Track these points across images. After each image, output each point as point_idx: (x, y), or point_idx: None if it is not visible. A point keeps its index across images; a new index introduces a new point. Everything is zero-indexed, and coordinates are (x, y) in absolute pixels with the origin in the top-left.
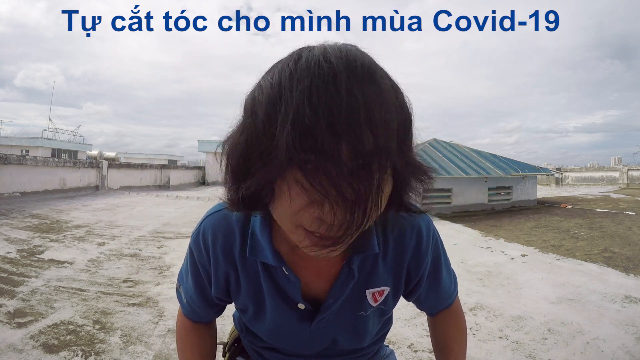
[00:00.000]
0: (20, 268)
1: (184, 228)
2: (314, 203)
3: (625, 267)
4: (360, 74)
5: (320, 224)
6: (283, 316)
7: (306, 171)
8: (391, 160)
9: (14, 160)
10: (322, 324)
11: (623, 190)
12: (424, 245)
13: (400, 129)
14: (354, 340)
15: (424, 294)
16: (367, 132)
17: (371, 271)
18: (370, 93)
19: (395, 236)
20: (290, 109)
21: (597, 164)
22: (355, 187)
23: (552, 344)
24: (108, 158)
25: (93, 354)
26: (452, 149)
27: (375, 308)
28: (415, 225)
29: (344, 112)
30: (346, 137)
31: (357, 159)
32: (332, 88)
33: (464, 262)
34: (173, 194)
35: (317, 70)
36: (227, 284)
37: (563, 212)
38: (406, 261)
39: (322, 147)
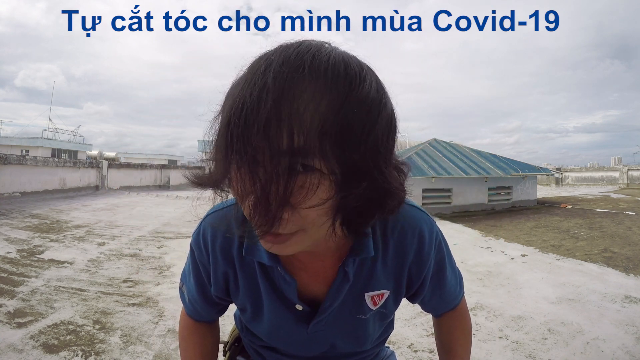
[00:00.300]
0: (20, 268)
1: (184, 228)
2: (238, 197)
3: (625, 267)
4: (295, 74)
5: (250, 218)
6: (280, 317)
7: (236, 168)
8: (317, 161)
9: (14, 160)
10: (320, 326)
11: (623, 190)
12: (427, 247)
13: (343, 131)
14: (353, 344)
15: (428, 296)
16: (281, 131)
17: (369, 275)
18: (295, 93)
19: (396, 239)
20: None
21: (597, 164)
22: (264, 185)
23: (552, 344)
24: (108, 158)
25: (93, 354)
26: (452, 149)
27: (375, 312)
28: (416, 227)
29: (260, 113)
30: (260, 137)
31: (272, 157)
32: (257, 92)
33: (464, 262)
34: (173, 194)
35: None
36: (227, 283)
37: (563, 212)
38: (407, 264)
39: (239, 147)
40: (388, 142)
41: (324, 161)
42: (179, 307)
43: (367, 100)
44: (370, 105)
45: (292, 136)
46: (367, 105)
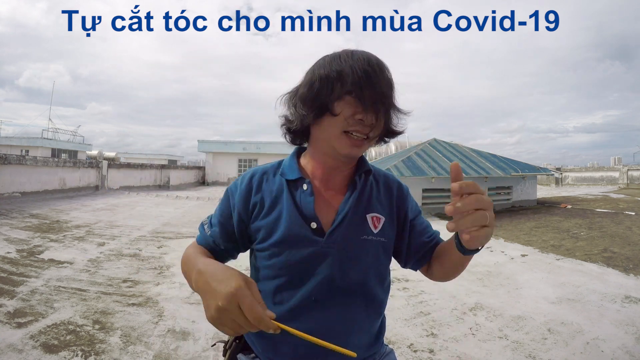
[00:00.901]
0: (20, 268)
1: (184, 228)
2: (358, 111)
3: (625, 267)
4: (380, 60)
5: (359, 124)
6: (297, 230)
7: (358, 96)
8: (391, 102)
9: (13, 160)
10: (332, 239)
11: (623, 190)
12: (404, 189)
13: (394, 90)
14: (357, 270)
15: (418, 237)
16: (385, 85)
17: (369, 197)
18: (385, 70)
19: (383, 180)
20: (354, 69)
21: (597, 164)
22: (379, 106)
23: (552, 344)
24: (108, 158)
25: (93, 354)
26: (452, 149)
27: (376, 239)
28: (397, 179)
29: (377, 74)
30: (377, 84)
31: (381, 95)
32: (368, 63)
33: None
34: (173, 194)
35: (362, 56)
36: (253, 209)
37: (563, 212)
38: (394, 197)
39: (366, 85)
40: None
41: (389, 101)
42: (179, 307)
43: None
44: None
45: (388, 88)
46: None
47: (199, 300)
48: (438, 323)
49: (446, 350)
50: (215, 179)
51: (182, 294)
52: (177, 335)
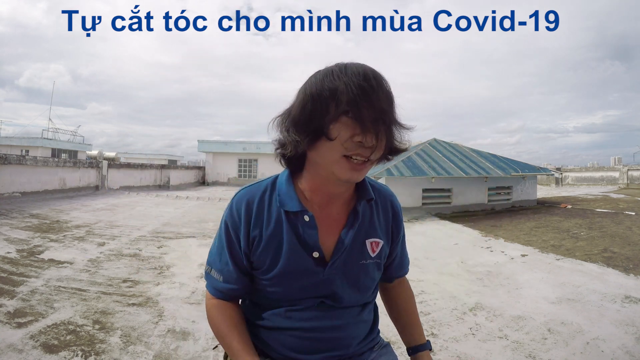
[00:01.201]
0: (20, 268)
1: (184, 228)
2: (357, 133)
3: (625, 267)
4: (377, 73)
5: (359, 148)
6: (298, 262)
7: (354, 116)
8: (393, 118)
9: (13, 160)
10: (333, 269)
11: (623, 190)
12: (399, 208)
13: (394, 105)
14: (354, 292)
15: (400, 254)
16: (384, 100)
17: (370, 223)
18: (384, 83)
19: (382, 201)
20: (349, 86)
21: (597, 164)
22: (379, 125)
23: (552, 344)
24: (108, 158)
25: (93, 354)
26: (452, 149)
27: (373, 261)
28: (392, 196)
29: (374, 89)
30: (375, 100)
31: (380, 112)
32: (364, 77)
33: (464, 262)
34: (173, 194)
35: (356, 70)
36: (253, 243)
37: (563, 212)
38: (390, 220)
39: (363, 103)
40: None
41: (391, 118)
42: (179, 307)
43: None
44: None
45: (393, 108)
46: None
47: (199, 301)
48: (438, 323)
49: (446, 350)
50: (215, 179)
51: (182, 294)
52: (177, 335)
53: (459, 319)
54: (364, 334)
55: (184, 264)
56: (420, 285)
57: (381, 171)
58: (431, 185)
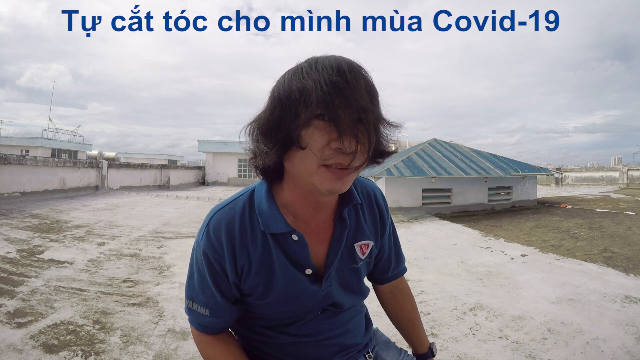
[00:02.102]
0: (20, 268)
1: (184, 228)
2: (333, 138)
3: (625, 267)
4: (354, 65)
5: (338, 155)
6: (294, 283)
7: (330, 118)
8: (377, 116)
9: (14, 160)
10: (329, 282)
11: (623, 190)
12: (385, 202)
13: (377, 100)
14: (350, 296)
15: (387, 251)
16: (363, 96)
17: (357, 226)
18: (362, 76)
19: (366, 198)
20: (319, 83)
21: (597, 164)
22: (359, 127)
23: (552, 344)
24: (108, 158)
25: (93, 354)
26: (452, 149)
27: (363, 262)
28: (376, 190)
29: (350, 83)
30: (352, 97)
31: (359, 110)
32: (337, 71)
33: (464, 262)
34: (173, 193)
35: (328, 63)
36: (241, 272)
37: (563, 212)
38: (377, 217)
39: (338, 101)
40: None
41: (374, 116)
42: (179, 307)
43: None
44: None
45: (377, 106)
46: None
47: None
48: (438, 323)
49: (446, 350)
50: (215, 179)
51: (182, 294)
52: (177, 335)
53: (459, 319)
54: (361, 327)
55: (184, 264)
56: (420, 285)
57: (381, 171)
58: (431, 185)
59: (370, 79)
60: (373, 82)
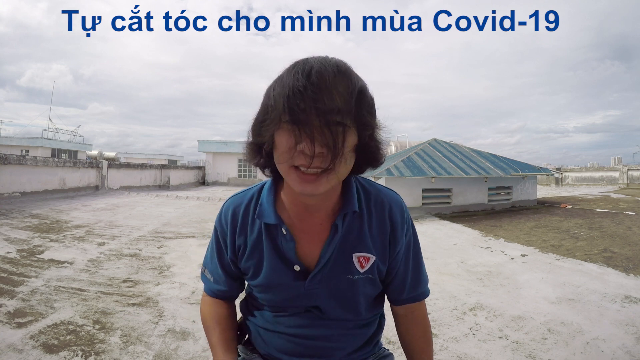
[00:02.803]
0: (20, 268)
1: (184, 228)
2: (298, 141)
3: (625, 267)
4: (328, 68)
5: (304, 158)
6: (279, 274)
7: (292, 121)
8: (349, 118)
9: (13, 160)
10: (315, 283)
11: (623, 190)
12: (402, 220)
13: (359, 102)
14: (342, 307)
15: (402, 270)
16: (333, 97)
17: (358, 235)
18: (336, 77)
19: (379, 209)
20: (288, 87)
21: (597, 164)
22: (323, 130)
23: (552, 344)
24: (108, 158)
25: (93, 354)
26: (452, 149)
27: (363, 276)
28: (394, 203)
29: (315, 85)
30: (317, 99)
31: (325, 114)
32: (308, 74)
33: (464, 262)
34: (173, 194)
35: (303, 68)
36: (239, 251)
37: (563, 212)
38: (388, 231)
39: (300, 105)
40: (375, 113)
41: (349, 120)
42: (179, 307)
43: (363, 85)
44: (365, 88)
45: (338, 103)
46: (364, 89)
47: (199, 301)
48: (438, 323)
49: (446, 350)
50: (216, 179)
51: (182, 294)
52: (177, 335)
53: (459, 319)
54: (355, 346)
55: (184, 264)
56: None
57: (381, 171)
58: (431, 185)
59: (355, 81)
60: (358, 84)
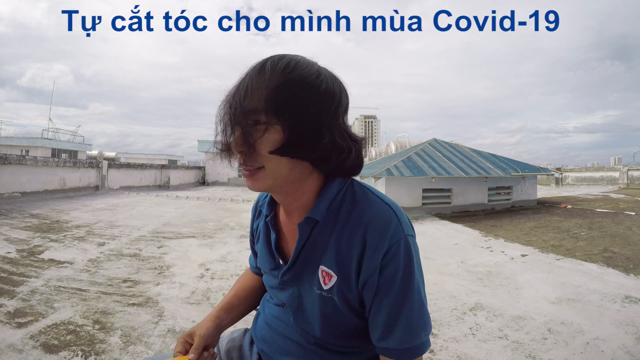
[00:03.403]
0: (20, 268)
1: (184, 228)
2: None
3: (625, 267)
4: (256, 67)
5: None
6: (264, 261)
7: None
8: (265, 115)
9: (14, 160)
10: (286, 279)
11: (623, 190)
12: (388, 242)
13: (279, 99)
14: (304, 320)
15: (375, 309)
16: (238, 93)
17: (323, 246)
18: (253, 78)
19: (353, 223)
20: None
21: (597, 164)
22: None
23: (552, 344)
24: (108, 158)
25: (93, 354)
26: (452, 149)
27: (326, 295)
28: (378, 219)
29: (235, 89)
30: (235, 98)
31: (235, 113)
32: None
33: (464, 262)
34: (173, 194)
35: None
36: (256, 230)
37: (563, 212)
38: (357, 253)
39: (226, 107)
40: (323, 112)
41: (267, 117)
42: (178, 307)
43: (297, 82)
44: (294, 84)
45: (252, 101)
46: (290, 85)
47: (199, 301)
48: (438, 323)
49: (446, 350)
50: (216, 179)
51: (182, 294)
52: (177, 335)
53: (459, 319)
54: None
55: (184, 264)
56: None
57: (381, 171)
58: (431, 185)
59: (277, 78)
60: (281, 81)
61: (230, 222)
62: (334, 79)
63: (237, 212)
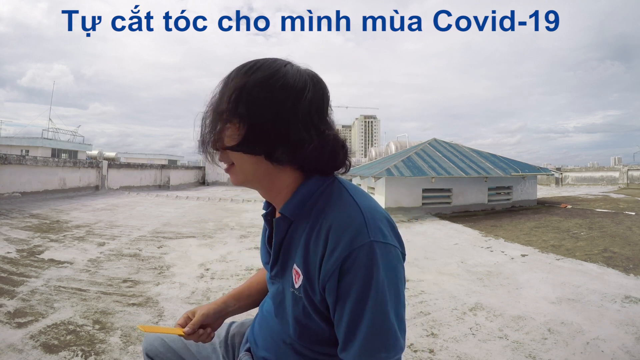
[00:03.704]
0: (20, 268)
1: (184, 228)
2: None
3: (625, 267)
4: (234, 70)
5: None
6: (263, 254)
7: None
8: (226, 113)
9: (13, 160)
10: (273, 274)
11: (623, 190)
12: (348, 247)
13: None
14: (284, 317)
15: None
16: (215, 101)
17: (296, 243)
18: (230, 79)
19: (323, 223)
20: None
21: (597, 164)
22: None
23: (552, 344)
24: (108, 158)
25: (93, 354)
26: (452, 149)
27: (296, 293)
28: (342, 221)
29: (212, 93)
30: (208, 103)
31: (207, 112)
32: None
33: (464, 262)
34: (173, 194)
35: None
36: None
37: (563, 212)
38: (319, 255)
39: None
40: (279, 108)
41: (229, 116)
42: (178, 307)
43: (254, 82)
44: (255, 85)
45: (221, 104)
46: (259, 87)
47: (199, 301)
48: (438, 323)
49: (446, 350)
50: (216, 179)
51: (182, 294)
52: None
53: (459, 319)
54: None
55: (184, 264)
56: (420, 285)
57: (381, 171)
58: (431, 185)
59: (242, 79)
60: (245, 82)
61: (230, 222)
62: (299, 76)
63: (237, 212)
